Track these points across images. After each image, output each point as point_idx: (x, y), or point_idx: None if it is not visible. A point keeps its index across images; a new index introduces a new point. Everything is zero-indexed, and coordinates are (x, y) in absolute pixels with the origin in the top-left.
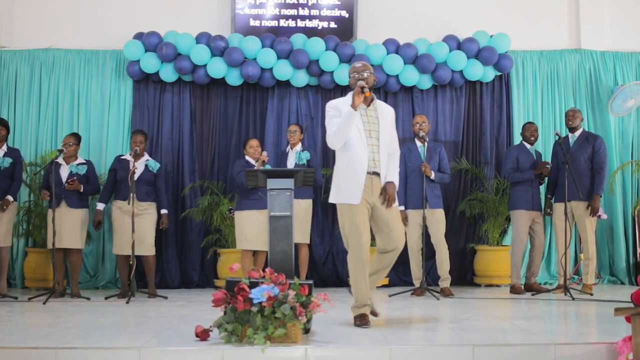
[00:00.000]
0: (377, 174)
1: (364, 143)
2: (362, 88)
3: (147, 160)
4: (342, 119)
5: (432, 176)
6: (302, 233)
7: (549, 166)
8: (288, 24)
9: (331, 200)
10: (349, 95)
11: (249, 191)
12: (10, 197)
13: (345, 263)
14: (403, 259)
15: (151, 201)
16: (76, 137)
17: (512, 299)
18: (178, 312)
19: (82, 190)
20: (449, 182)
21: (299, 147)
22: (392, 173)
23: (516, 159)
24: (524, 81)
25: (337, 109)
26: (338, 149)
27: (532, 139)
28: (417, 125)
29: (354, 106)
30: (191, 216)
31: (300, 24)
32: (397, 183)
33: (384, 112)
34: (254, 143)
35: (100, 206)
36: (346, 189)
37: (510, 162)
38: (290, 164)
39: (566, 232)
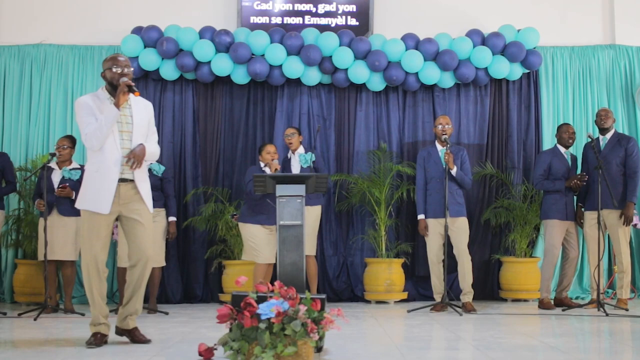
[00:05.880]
0: (128, 181)
1: (116, 146)
2: (130, 87)
3: (152, 163)
4: (104, 118)
5: (454, 171)
6: (309, 243)
7: (584, 182)
8: (299, 17)
9: (76, 204)
10: (100, 90)
11: (257, 204)
12: None
13: (361, 277)
14: (424, 272)
15: (158, 207)
16: (71, 139)
17: (541, 315)
18: (180, 329)
19: (73, 197)
20: (469, 187)
21: (300, 150)
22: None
23: (548, 165)
24: (554, 79)
25: (89, 107)
26: (88, 150)
27: (570, 141)
28: (440, 126)
29: (117, 105)
30: (194, 225)
31: (312, 17)
32: (151, 150)
33: (140, 109)
34: (271, 149)
35: None
36: (92, 195)
37: (541, 168)
38: (295, 169)
39: (599, 242)
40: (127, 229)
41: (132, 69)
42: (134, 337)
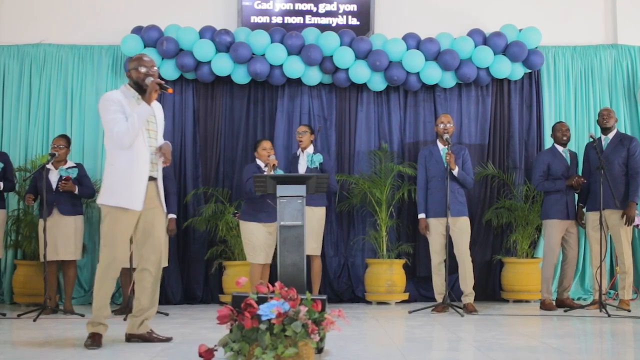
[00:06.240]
0: (153, 180)
1: (145, 144)
2: (161, 85)
3: None
4: (136, 115)
5: (456, 171)
6: (314, 244)
7: (584, 181)
8: (299, 17)
9: (102, 201)
10: (123, 87)
11: (257, 202)
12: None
13: (362, 277)
14: (425, 273)
15: None
16: (66, 139)
17: (542, 316)
18: (180, 330)
19: (76, 191)
20: (471, 187)
21: (310, 149)
22: None
23: (547, 165)
24: (556, 79)
25: (119, 104)
26: (113, 148)
27: (565, 139)
28: (442, 125)
29: (149, 102)
30: (194, 226)
31: (313, 17)
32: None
33: (158, 110)
34: (266, 145)
35: None
36: (125, 192)
37: (540, 169)
38: (302, 168)
39: (601, 243)
40: (143, 230)
41: (157, 68)
42: (152, 339)
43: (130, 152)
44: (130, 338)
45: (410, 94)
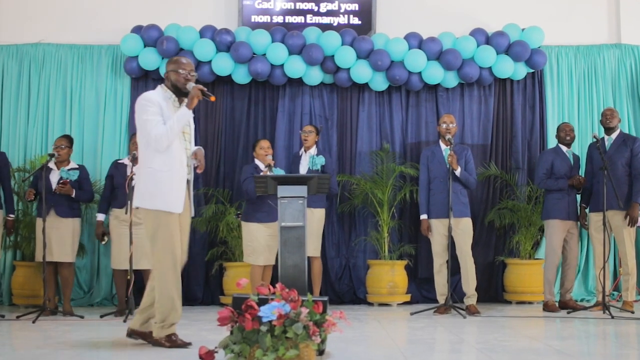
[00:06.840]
0: (187, 182)
1: (182, 147)
2: (204, 91)
3: None
4: (176, 119)
5: (458, 171)
6: (313, 245)
7: (585, 184)
8: (300, 16)
9: (142, 204)
10: (160, 88)
11: (257, 202)
12: (12, 216)
13: (364, 279)
14: (427, 274)
15: None
16: (68, 139)
17: (545, 318)
18: (180, 331)
19: (73, 195)
20: (474, 188)
21: (313, 150)
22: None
23: (551, 164)
24: (559, 79)
25: (159, 106)
26: (148, 149)
27: (568, 139)
28: (444, 125)
29: (190, 106)
30: (194, 227)
31: (314, 16)
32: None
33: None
34: (264, 144)
35: (100, 217)
36: (165, 195)
37: (544, 167)
38: (303, 168)
39: (604, 244)
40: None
41: (195, 74)
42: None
43: (168, 154)
44: (131, 334)
45: (412, 93)
